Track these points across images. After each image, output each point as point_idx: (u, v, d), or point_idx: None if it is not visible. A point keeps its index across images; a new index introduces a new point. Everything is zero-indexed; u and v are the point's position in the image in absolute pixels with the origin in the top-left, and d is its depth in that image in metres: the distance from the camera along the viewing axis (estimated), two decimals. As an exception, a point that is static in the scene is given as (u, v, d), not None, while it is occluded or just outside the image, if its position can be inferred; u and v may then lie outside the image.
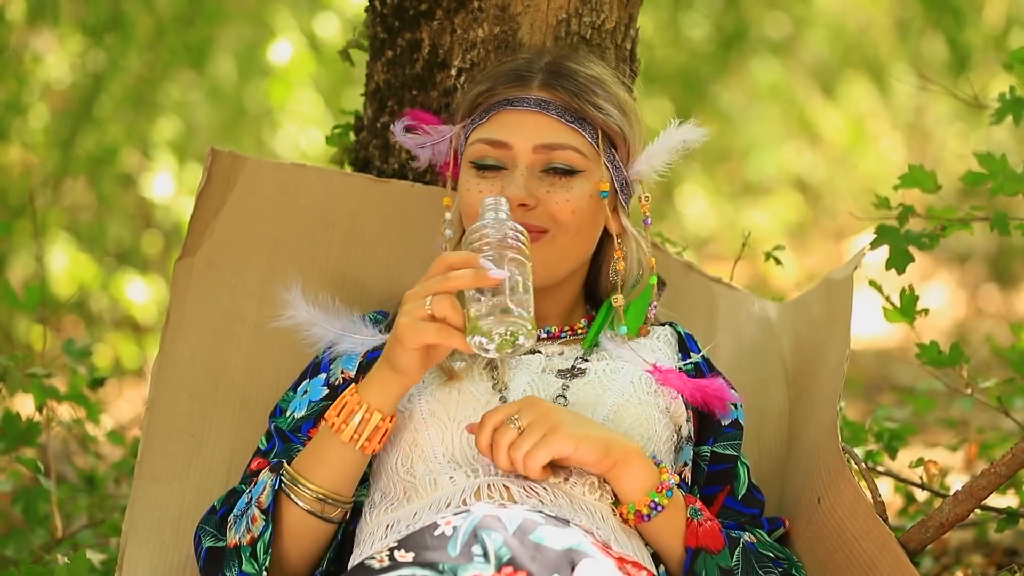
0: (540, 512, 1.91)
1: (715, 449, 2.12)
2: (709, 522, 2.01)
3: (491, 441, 1.95)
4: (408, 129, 2.28)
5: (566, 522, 1.91)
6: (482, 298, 1.89)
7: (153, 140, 5.95)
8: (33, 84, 5.59)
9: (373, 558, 1.80)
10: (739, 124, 7.78)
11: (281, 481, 2.00)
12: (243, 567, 2.00)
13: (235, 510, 2.05)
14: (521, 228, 1.95)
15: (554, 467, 1.98)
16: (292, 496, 1.99)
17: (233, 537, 2.02)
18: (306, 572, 2.05)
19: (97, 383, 2.92)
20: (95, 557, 2.72)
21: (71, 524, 3.08)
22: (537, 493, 1.97)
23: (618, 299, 2.15)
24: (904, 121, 7.72)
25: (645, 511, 1.98)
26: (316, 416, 2.12)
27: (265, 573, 1.98)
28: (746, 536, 2.06)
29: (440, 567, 1.75)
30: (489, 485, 1.97)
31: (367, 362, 2.14)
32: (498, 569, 1.76)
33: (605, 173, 2.13)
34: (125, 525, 2.23)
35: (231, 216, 2.35)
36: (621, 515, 1.99)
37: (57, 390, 2.87)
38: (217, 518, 2.07)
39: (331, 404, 2.09)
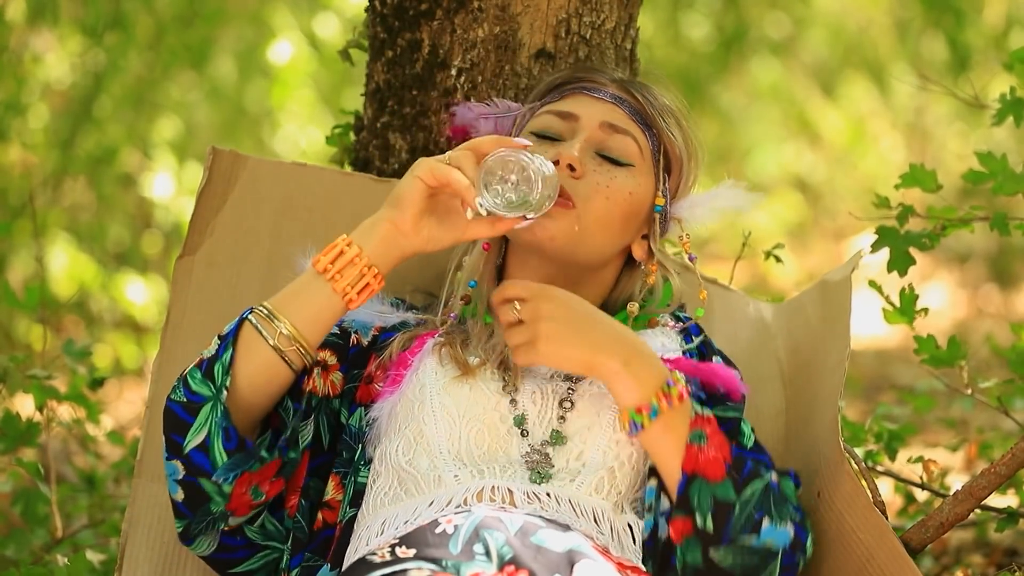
0: (541, 517, 1.91)
1: (716, 412, 2.11)
2: (715, 451, 1.95)
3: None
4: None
5: (567, 527, 1.91)
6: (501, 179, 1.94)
7: (153, 140, 5.95)
8: (33, 84, 5.60)
9: (374, 554, 1.80)
10: (739, 124, 7.78)
11: (252, 312, 1.98)
12: (192, 387, 1.96)
13: None
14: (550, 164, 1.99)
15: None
16: (262, 330, 1.97)
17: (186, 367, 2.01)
18: (251, 413, 2.01)
19: (97, 383, 2.92)
20: (95, 557, 2.72)
21: (71, 524, 3.08)
22: (539, 499, 1.97)
23: (634, 306, 2.16)
24: (904, 121, 7.72)
25: (627, 428, 1.96)
26: (323, 342, 2.09)
27: (224, 394, 1.94)
28: (774, 476, 2.01)
29: (443, 563, 1.75)
30: (493, 487, 1.97)
31: (381, 340, 2.14)
32: (500, 568, 1.76)
33: (654, 186, 2.15)
34: (125, 525, 2.23)
35: (232, 215, 2.35)
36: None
37: (57, 390, 2.87)
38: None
39: (340, 343, 2.11)
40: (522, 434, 2.03)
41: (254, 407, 2.00)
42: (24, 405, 2.92)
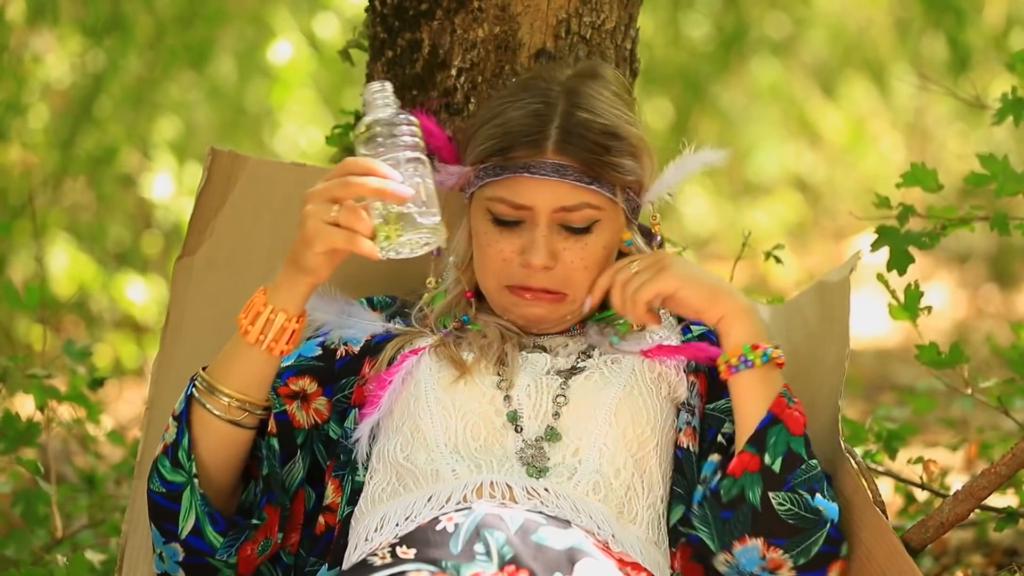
0: (541, 513, 1.91)
1: (722, 404, 2.12)
2: (799, 413, 2.01)
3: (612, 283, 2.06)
4: None
5: (567, 523, 1.91)
6: (387, 205, 1.90)
7: (153, 140, 5.95)
8: (33, 84, 5.60)
9: (375, 555, 1.80)
10: (739, 124, 7.77)
11: (194, 387, 2.00)
12: (167, 477, 1.98)
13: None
14: (413, 119, 1.96)
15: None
16: (208, 405, 1.98)
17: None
18: (226, 484, 2.03)
19: (97, 383, 2.92)
20: (95, 557, 2.72)
21: (71, 524, 3.08)
22: (539, 494, 1.97)
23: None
24: (904, 121, 7.72)
25: (734, 362, 2.01)
26: (299, 368, 2.13)
27: (196, 481, 1.97)
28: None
29: (443, 564, 1.75)
30: (492, 483, 1.97)
31: (374, 343, 2.14)
32: (500, 567, 1.76)
33: (622, 218, 2.14)
34: (125, 525, 2.23)
35: (231, 215, 2.35)
36: (717, 367, 2.04)
37: (57, 390, 2.87)
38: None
39: (321, 364, 2.13)
40: (516, 429, 2.04)
41: (227, 474, 2.02)
42: (24, 405, 2.92)
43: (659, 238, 2.20)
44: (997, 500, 2.66)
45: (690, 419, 2.11)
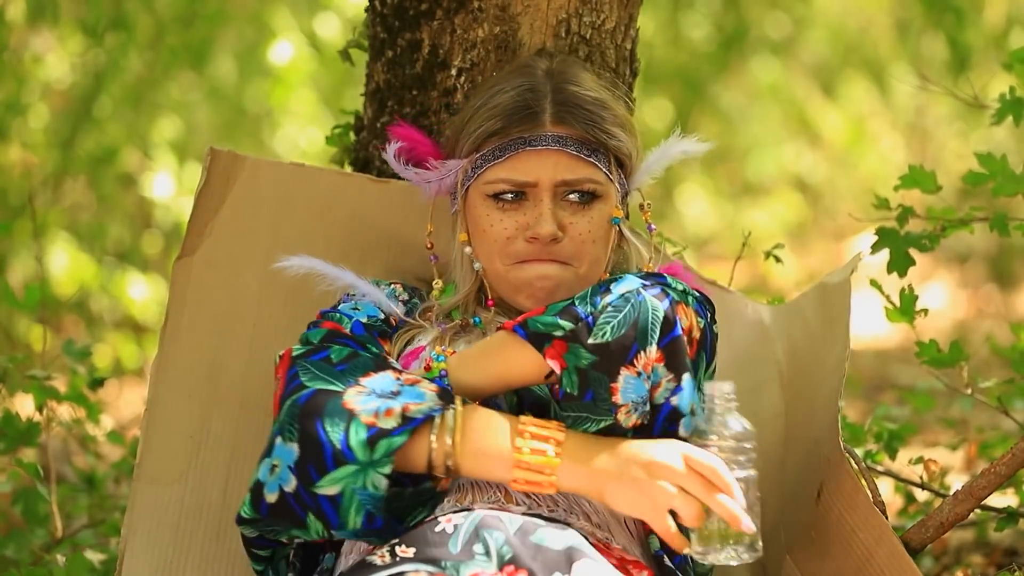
0: (539, 515, 1.91)
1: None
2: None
3: None
4: (408, 161, 2.26)
5: (566, 524, 1.91)
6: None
7: (153, 140, 5.95)
8: (33, 84, 5.59)
9: (375, 555, 1.81)
10: (739, 124, 7.78)
11: (435, 422, 1.89)
12: (351, 441, 1.86)
13: (359, 373, 1.94)
14: (750, 427, 1.90)
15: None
16: (435, 440, 1.88)
17: (355, 403, 1.90)
18: None
19: (97, 383, 2.92)
20: (95, 557, 2.73)
21: (71, 524, 3.08)
22: (536, 495, 1.97)
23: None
24: (904, 121, 7.72)
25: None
26: (380, 332, 2.09)
27: (374, 471, 1.85)
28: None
29: (442, 564, 1.76)
30: (490, 484, 1.97)
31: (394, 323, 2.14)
32: (500, 567, 1.77)
33: (616, 197, 2.15)
34: (124, 527, 2.23)
35: (230, 216, 2.35)
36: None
37: (57, 390, 2.87)
38: (321, 360, 1.96)
39: (387, 328, 2.09)
40: None
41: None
42: (24, 405, 2.92)
43: (653, 227, 2.22)
44: (997, 500, 2.66)
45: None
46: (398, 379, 1.93)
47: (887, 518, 2.08)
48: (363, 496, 1.85)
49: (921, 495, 3.03)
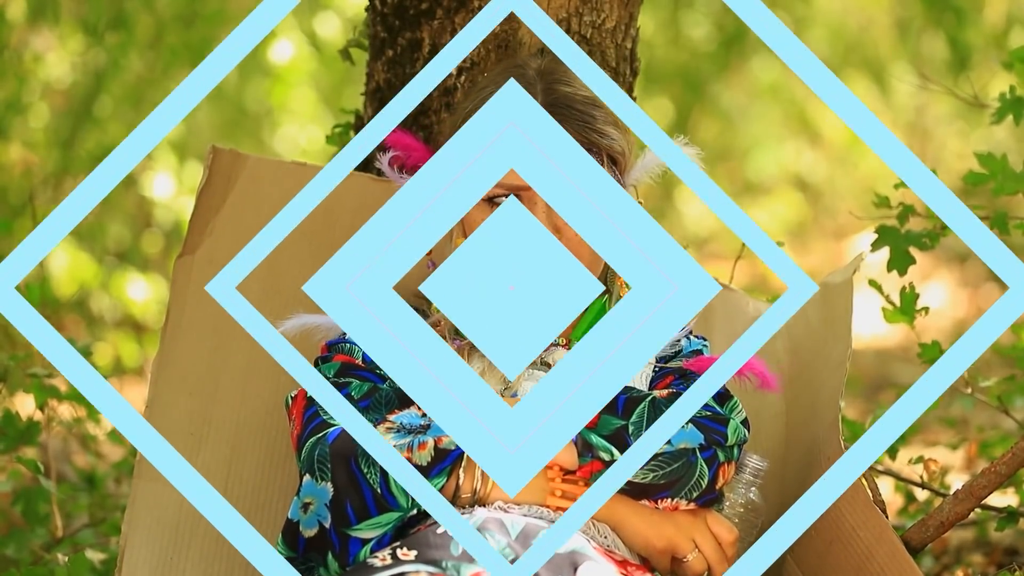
0: (541, 519, 1.92)
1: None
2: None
3: None
4: (403, 168, 2.25)
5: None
6: None
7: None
8: (33, 83, 5.60)
9: (375, 556, 1.81)
10: (739, 123, 7.78)
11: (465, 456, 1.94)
12: (390, 487, 1.90)
13: (384, 408, 1.99)
14: (762, 503, 2.10)
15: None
16: (462, 472, 1.95)
17: (391, 436, 1.94)
18: None
19: (97, 382, 2.91)
20: (95, 557, 2.72)
21: (71, 524, 3.08)
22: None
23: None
24: (904, 121, 7.72)
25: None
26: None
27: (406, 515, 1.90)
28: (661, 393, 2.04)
29: (443, 565, 1.75)
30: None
31: None
32: (501, 568, 1.77)
33: None
34: (124, 526, 2.23)
35: (232, 214, 2.35)
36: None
37: (57, 389, 2.87)
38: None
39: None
40: None
41: None
42: (24, 404, 2.92)
43: None
44: (997, 499, 2.66)
45: None
46: (422, 413, 1.97)
47: (887, 517, 2.08)
48: (391, 535, 1.92)
49: (921, 494, 3.03)
